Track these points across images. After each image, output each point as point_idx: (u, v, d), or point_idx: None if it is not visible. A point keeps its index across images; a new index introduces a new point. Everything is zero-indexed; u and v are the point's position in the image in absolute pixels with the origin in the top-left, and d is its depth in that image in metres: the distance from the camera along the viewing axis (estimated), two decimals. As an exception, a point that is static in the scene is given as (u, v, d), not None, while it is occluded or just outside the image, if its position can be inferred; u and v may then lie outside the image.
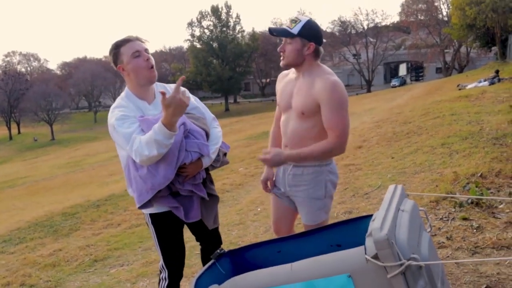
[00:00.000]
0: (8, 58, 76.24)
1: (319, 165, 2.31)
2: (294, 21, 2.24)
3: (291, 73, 2.40)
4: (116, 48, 2.20)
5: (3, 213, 9.17)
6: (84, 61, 76.46)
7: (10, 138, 57.86)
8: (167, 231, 2.33)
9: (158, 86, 2.34)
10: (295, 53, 2.23)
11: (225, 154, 2.50)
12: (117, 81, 71.29)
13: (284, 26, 2.27)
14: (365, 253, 1.54)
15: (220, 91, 55.75)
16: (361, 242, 1.65)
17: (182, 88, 2.03)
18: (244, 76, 56.22)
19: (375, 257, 1.50)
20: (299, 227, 3.10)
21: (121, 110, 2.17)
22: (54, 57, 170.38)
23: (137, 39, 2.23)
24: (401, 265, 1.46)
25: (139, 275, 3.58)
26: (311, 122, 2.26)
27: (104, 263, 4.12)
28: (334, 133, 2.18)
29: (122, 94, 2.27)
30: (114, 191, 7.67)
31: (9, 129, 58.63)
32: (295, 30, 2.20)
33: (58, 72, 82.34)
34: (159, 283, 2.42)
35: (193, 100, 2.37)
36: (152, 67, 2.19)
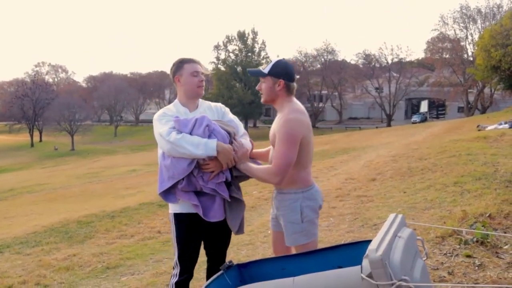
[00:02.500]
0: (37, 68, 78.74)
1: (294, 192, 2.50)
2: (267, 63, 2.55)
3: None
4: (181, 63, 2.63)
5: (21, 216, 9.44)
6: (109, 76, 78.28)
7: (32, 145, 59.15)
8: (186, 230, 2.55)
9: (204, 103, 2.70)
10: (268, 90, 2.52)
11: None
12: (140, 97, 72.74)
13: (249, 70, 2.59)
14: (361, 272, 1.68)
15: (241, 115, 56.22)
16: (360, 263, 1.78)
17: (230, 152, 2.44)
18: (265, 102, 56.71)
19: (370, 276, 1.63)
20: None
21: (163, 110, 2.60)
22: (81, 70, 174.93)
23: (199, 63, 2.66)
24: (393, 284, 1.59)
25: (149, 284, 3.72)
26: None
27: (115, 270, 4.27)
28: (274, 163, 2.40)
29: (172, 103, 2.68)
30: (129, 204, 7.87)
31: (32, 136, 60.03)
32: (266, 70, 2.51)
33: (84, 84, 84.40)
34: (171, 278, 2.63)
35: (232, 116, 2.74)
36: (201, 86, 2.61)
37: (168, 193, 2.48)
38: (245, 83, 55.46)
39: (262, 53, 58.57)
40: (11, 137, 64.70)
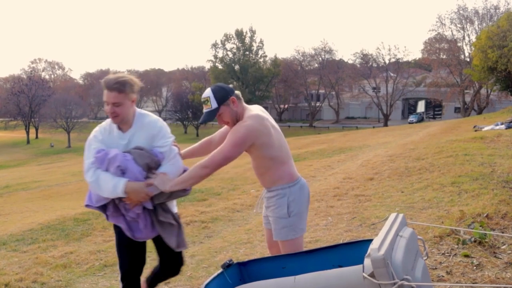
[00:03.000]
0: (34, 65, 78.40)
1: (281, 188, 2.61)
2: (206, 101, 2.56)
3: None
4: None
5: (16, 214, 9.38)
6: (106, 73, 76.60)
7: (28, 142, 58.97)
8: (122, 237, 2.65)
9: (139, 120, 2.70)
10: (230, 114, 2.58)
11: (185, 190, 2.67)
12: (137, 94, 72.49)
13: (204, 110, 2.59)
14: (363, 271, 1.68)
15: (238, 113, 56.38)
16: (360, 263, 1.78)
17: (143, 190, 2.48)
18: (263, 100, 56.78)
19: (372, 275, 1.63)
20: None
21: (96, 132, 2.66)
22: (78, 67, 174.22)
23: (111, 88, 2.59)
24: (394, 283, 1.59)
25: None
26: (255, 157, 2.62)
27: (113, 268, 4.25)
28: (209, 156, 2.54)
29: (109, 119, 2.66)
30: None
31: (28, 133, 59.83)
32: (214, 104, 2.54)
33: (81, 81, 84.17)
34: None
35: (164, 133, 2.73)
36: (112, 116, 2.57)
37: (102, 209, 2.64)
38: (243, 82, 55.45)
39: (260, 52, 58.64)
40: (7, 133, 64.49)
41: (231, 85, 2.69)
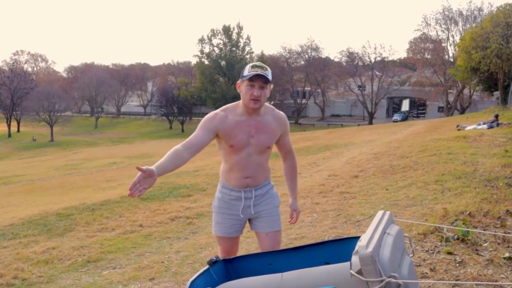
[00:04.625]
0: (16, 57, 77.07)
1: (269, 181, 2.71)
2: (265, 68, 2.48)
3: (233, 114, 2.52)
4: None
5: (-3, 208, 9.23)
6: (91, 67, 77.14)
7: (9, 135, 57.99)
8: None
9: None
10: (266, 97, 2.50)
11: None
12: (122, 89, 71.94)
13: (260, 72, 2.43)
14: (350, 268, 1.68)
15: (224, 109, 56.20)
16: (347, 260, 1.78)
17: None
18: (248, 97, 56.66)
19: (359, 272, 1.63)
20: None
21: None
22: (62, 60, 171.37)
23: None
24: (382, 281, 1.59)
25: (131, 278, 3.67)
26: (269, 152, 2.63)
27: (96, 264, 4.21)
28: (293, 151, 2.77)
29: None
30: (110, 197, 7.76)
31: (9, 126, 58.81)
32: (270, 76, 2.47)
33: (64, 75, 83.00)
34: None
35: None
36: None
37: None
38: (229, 78, 55.27)
39: (247, 48, 58.50)
40: (-12, 126, 63.30)
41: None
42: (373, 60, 55.06)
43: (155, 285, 3.50)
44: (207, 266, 2.24)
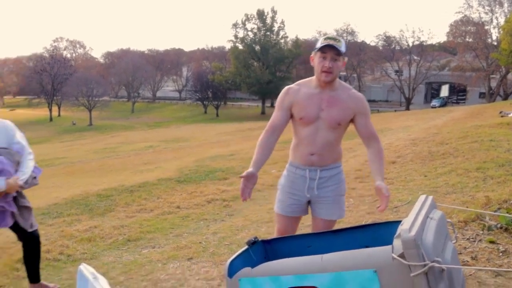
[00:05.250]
0: (56, 43, 79.08)
1: (339, 165, 2.61)
2: (338, 39, 2.41)
3: (306, 88, 2.52)
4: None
5: (42, 189, 9.56)
6: (127, 52, 78.46)
7: (51, 119, 60.01)
8: None
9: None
10: (339, 69, 2.43)
11: (34, 177, 3.18)
12: (157, 74, 72.93)
13: (332, 42, 2.38)
14: (392, 252, 1.66)
15: (258, 94, 56.11)
16: (387, 244, 1.76)
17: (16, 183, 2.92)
18: (283, 81, 56.24)
19: (401, 256, 1.62)
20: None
21: None
22: (99, 46, 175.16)
23: None
24: (425, 265, 1.57)
25: (170, 257, 3.77)
26: (340, 130, 2.53)
27: (136, 243, 4.34)
28: (377, 136, 2.57)
29: None
30: (148, 179, 7.94)
31: (50, 111, 60.83)
32: (343, 48, 2.39)
33: (102, 60, 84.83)
34: None
35: (18, 137, 3.14)
36: None
37: None
38: (263, 62, 55.06)
39: (281, 33, 57.89)
40: (30, 111, 65.62)
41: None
42: (411, 44, 53.56)
43: (193, 264, 3.58)
44: (246, 247, 2.27)
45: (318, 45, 2.40)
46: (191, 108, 64.31)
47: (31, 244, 3.20)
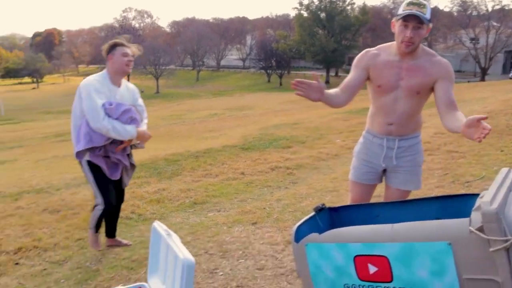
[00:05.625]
0: (125, 14, 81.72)
1: (417, 135, 2.52)
2: (423, 4, 2.23)
3: (385, 54, 2.40)
4: (114, 45, 3.14)
5: (114, 152, 10.12)
6: (192, 21, 79.42)
7: (121, 87, 62.65)
8: (101, 175, 3.13)
9: (124, 83, 3.25)
10: (422, 38, 2.29)
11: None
12: (222, 43, 73.40)
13: (414, 11, 2.20)
14: (470, 225, 1.58)
15: (323, 63, 55.01)
16: (461, 217, 1.68)
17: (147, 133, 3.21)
18: (349, 50, 54.74)
19: (480, 229, 1.53)
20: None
21: (96, 84, 3.03)
22: (166, 15, 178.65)
23: (129, 46, 3.17)
24: (506, 241, 1.48)
25: (235, 221, 3.86)
26: (420, 99, 2.39)
27: (202, 206, 4.48)
28: (456, 105, 2.29)
29: (99, 73, 3.14)
30: (213, 146, 8.10)
31: (121, 79, 63.30)
32: (428, 15, 2.22)
33: (168, 30, 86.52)
34: (93, 209, 3.26)
35: (141, 101, 3.38)
36: (129, 65, 3.12)
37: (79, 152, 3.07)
38: (329, 30, 53.65)
39: (348, -1, 55.91)
40: (103, 78, 68.41)
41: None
42: (490, 9, 49.79)
43: (258, 229, 3.64)
44: (313, 213, 2.26)
45: (400, 11, 2.25)
46: (254, 77, 64.41)
47: (121, 199, 3.42)
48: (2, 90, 66.85)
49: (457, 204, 2.16)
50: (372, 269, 1.85)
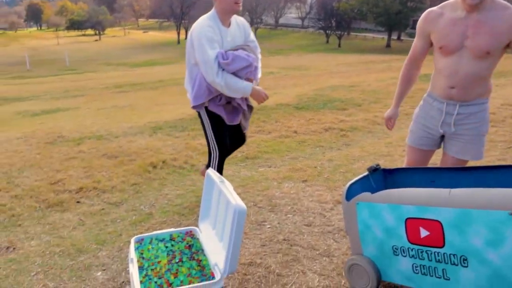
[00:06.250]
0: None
1: (484, 102, 2.31)
2: None
3: (450, 11, 2.22)
4: None
5: (169, 105, 10.34)
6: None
7: (178, 42, 63.30)
8: (218, 123, 3.03)
9: (233, 19, 2.98)
10: None
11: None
12: (281, 1, 71.81)
13: None
14: (537, 195, 1.49)
15: (385, 25, 52.64)
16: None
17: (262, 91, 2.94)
18: (414, 12, 51.88)
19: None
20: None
21: (207, 29, 2.79)
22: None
23: None
24: None
25: (285, 177, 3.88)
26: (490, 61, 2.19)
27: (254, 161, 4.52)
28: None
29: (208, 14, 2.89)
30: (267, 103, 8.07)
31: (178, 34, 64.06)
32: None
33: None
34: (210, 157, 3.20)
35: (252, 37, 3.13)
36: (238, 3, 2.85)
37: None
38: (394, -10, 50.98)
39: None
40: (161, 33, 69.71)
41: None
42: None
43: (308, 186, 3.65)
44: (366, 173, 2.22)
45: None
46: (313, 36, 62.98)
47: (241, 143, 3.36)
48: (67, 42, 69.57)
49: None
50: (424, 233, 1.81)
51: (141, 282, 1.71)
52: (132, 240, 2.07)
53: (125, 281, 2.29)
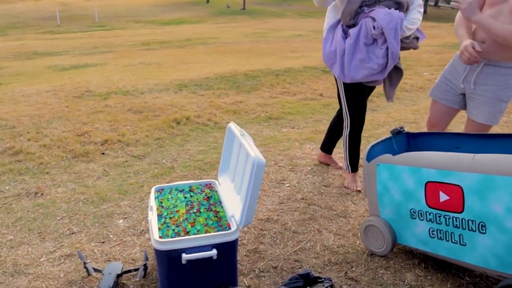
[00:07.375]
0: None
1: (511, 67, 2.21)
2: None
3: None
4: None
5: (195, 63, 10.32)
6: None
7: (207, 1, 62.41)
8: (353, 88, 2.69)
9: None
10: None
11: (416, 39, 2.64)
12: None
13: None
14: None
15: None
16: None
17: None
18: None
19: None
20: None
21: None
22: None
23: None
24: None
25: (307, 139, 3.87)
26: None
27: (277, 122, 4.51)
28: None
29: None
30: (293, 65, 7.99)
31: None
32: None
33: None
34: (343, 129, 2.83)
35: None
36: None
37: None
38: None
39: None
40: (190, -9, 68.71)
41: None
42: None
43: (329, 149, 3.63)
44: (389, 135, 2.19)
45: None
46: None
47: None
48: (97, -4, 69.41)
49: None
50: (443, 197, 1.78)
51: (159, 229, 1.76)
52: (153, 189, 2.12)
53: (145, 229, 2.36)
